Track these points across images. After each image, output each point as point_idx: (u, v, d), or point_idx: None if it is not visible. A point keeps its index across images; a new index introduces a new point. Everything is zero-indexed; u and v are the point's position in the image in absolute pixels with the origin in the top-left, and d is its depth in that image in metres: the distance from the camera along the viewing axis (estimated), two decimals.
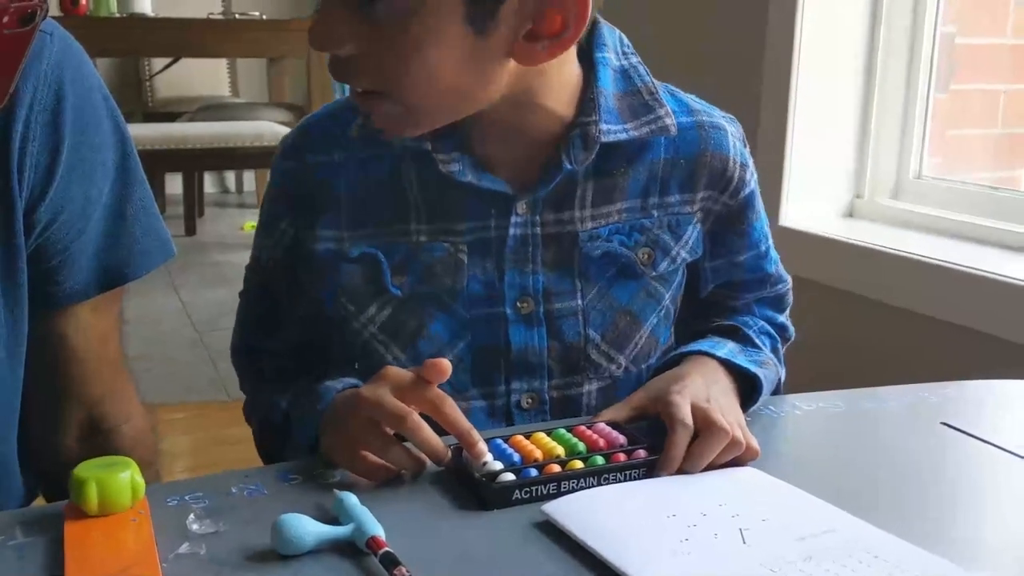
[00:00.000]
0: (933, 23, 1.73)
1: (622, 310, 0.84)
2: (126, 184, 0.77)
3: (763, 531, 0.61)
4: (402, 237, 0.80)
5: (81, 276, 0.75)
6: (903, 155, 1.78)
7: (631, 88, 0.81)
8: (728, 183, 0.85)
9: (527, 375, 0.82)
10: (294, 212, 0.83)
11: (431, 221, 0.80)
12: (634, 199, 0.83)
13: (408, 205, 0.80)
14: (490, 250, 0.81)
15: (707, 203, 0.85)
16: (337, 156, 0.81)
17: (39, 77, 0.70)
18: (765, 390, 0.82)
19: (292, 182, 0.83)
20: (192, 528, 0.61)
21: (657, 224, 0.83)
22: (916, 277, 1.53)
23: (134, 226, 0.78)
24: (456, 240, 0.80)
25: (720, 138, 0.84)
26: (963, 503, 0.70)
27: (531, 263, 0.81)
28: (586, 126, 0.78)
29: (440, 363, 0.70)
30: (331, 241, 0.81)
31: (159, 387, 2.50)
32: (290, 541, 0.58)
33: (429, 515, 0.64)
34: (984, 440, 0.79)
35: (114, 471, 0.61)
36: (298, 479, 0.69)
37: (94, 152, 0.74)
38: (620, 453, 0.70)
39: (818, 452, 0.81)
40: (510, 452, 0.69)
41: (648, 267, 0.84)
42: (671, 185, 0.83)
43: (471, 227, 0.80)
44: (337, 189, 0.81)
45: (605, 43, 0.81)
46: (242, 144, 3.77)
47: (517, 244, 0.81)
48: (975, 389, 0.92)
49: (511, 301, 0.81)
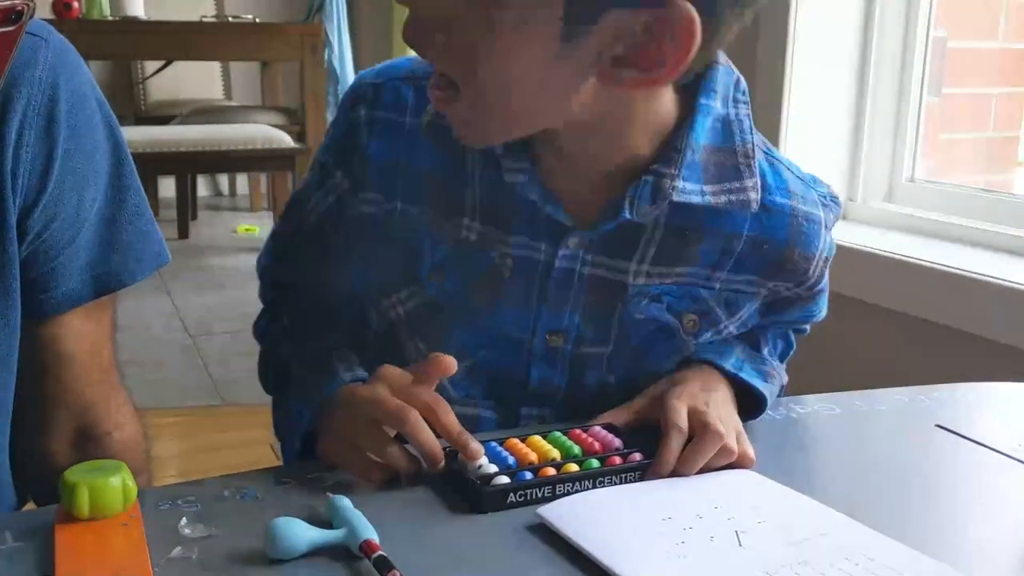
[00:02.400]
0: (925, 27, 1.73)
1: (650, 365, 0.80)
2: (120, 190, 0.77)
3: (759, 534, 0.61)
4: (452, 230, 0.77)
5: (73, 283, 0.75)
6: (896, 158, 1.79)
7: (727, 144, 0.74)
8: (807, 279, 0.80)
9: (539, 403, 0.81)
10: (352, 165, 0.79)
11: (484, 223, 0.76)
12: (701, 267, 0.77)
13: (465, 198, 0.76)
14: (535, 275, 0.76)
15: (777, 289, 0.81)
16: (410, 122, 0.77)
17: (33, 82, 0.69)
18: (769, 405, 0.81)
19: (357, 132, 0.78)
20: (184, 532, 0.60)
21: (714, 296, 0.79)
22: (909, 280, 1.53)
23: (127, 232, 0.77)
24: (505, 252, 0.76)
25: (812, 234, 0.78)
26: (957, 505, 0.70)
27: (570, 303, 0.77)
28: (661, 177, 0.71)
29: (444, 359, 0.69)
30: (381, 208, 0.78)
31: (151, 392, 2.49)
32: (283, 545, 0.57)
33: (423, 518, 0.64)
34: (978, 442, 0.79)
35: (105, 475, 0.61)
36: (291, 483, 0.69)
37: (88, 158, 0.73)
38: (615, 456, 0.70)
39: (813, 455, 0.81)
40: (505, 455, 0.69)
41: (690, 335, 0.79)
42: (745, 264, 0.77)
43: (521, 242, 0.76)
44: (400, 156, 0.77)
45: (715, 88, 0.74)
46: (235, 147, 3.76)
47: (561, 278, 0.76)
48: (969, 392, 0.92)
49: (540, 335, 0.78)
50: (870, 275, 1.59)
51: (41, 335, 0.76)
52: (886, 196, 1.81)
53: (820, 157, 1.79)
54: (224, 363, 2.70)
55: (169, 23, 3.89)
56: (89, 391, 0.80)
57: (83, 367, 0.79)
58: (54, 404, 0.79)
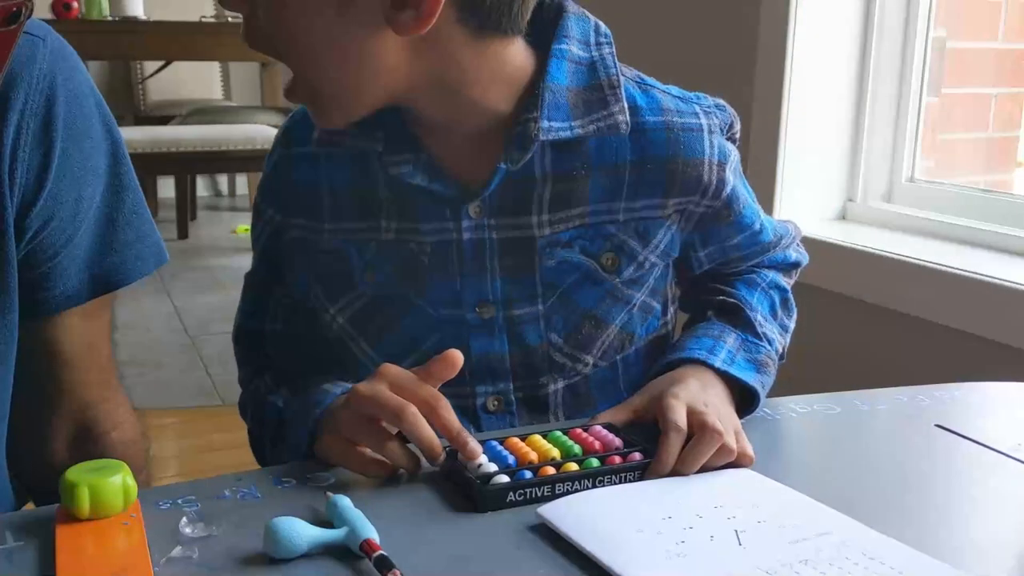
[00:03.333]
0: (925, 27, 1.73)
1: (586, 314, 0.82)
2: (118, 190, 0.77)
3: (759, 533, 0.61)
4: (373, 234, 0.81)
5: (71, 282, 0.75)
6: (895, 158, 1.79)
7: (593, 82, 0.77)
8: (707, 188, 0.81)
9: (491, 379, 0.82)
10: (279, 201, 0.84)
11: (399, 220, 0.80)
12: (597, 203, 0.80)
13: (379, 202, 0.80)
14: (450, 253, 0.80)
15: (684, 206, 0.82)
16: (316, 149, 0.81)
17: (31, 82, 0.69)
18: (763, 397, 0.81)
19: (278, 171, 0.84)
20: (184, 532, 0.60)
21: (623, 229, 0.81)
22: (909, 280, 1.53)
23: (126, 232, 0.77)
24: (420, 240, 0.80)
25: (692, 141, 0.80)
26: (957, 505, 0.70)
27: (488, 269, 0.80)
28: (526, 123, 0.75)
29: (451, 354, 0.69)
30: (308, 231, 0.83)
31: (150, 392, 2.49)
32: (283, 545, 0.57)
33: (423, 518, 0.64)
34: (977, 442, 0.79)
35: (106, 474, 0.61)
36: (291, 482, 0.69)
37: (85, 158, 0.74)
38: (615, 456, 0.70)
39: (813, 454, 0.81)
40: (505, 454, 0.69)
41: (612, 273, 0.81)
42: (639, 189, 0.80)
43: (432, 228, 0.79)
44: (317, 181, 0.82)
45: (568, 34, 0.78)
46: (234, 147, 3.77)
47: (473, 248, 0.79)
48: (968, 391, 0.92)
49: (470, 307, 0.80)
50: (870, 275, 1.59)
51: (39, 334, 0.76)
52: (886, 196, 1.81)
53: (820, 157, 1.79)
54: (223, 363, 2.70)
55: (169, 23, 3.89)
56: (87, 390, 0.80)
57: (81, 366, 0.79)
58: (52, 403, 0.79)
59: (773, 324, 0.88)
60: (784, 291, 0.92)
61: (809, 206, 1.78)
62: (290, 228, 0.84)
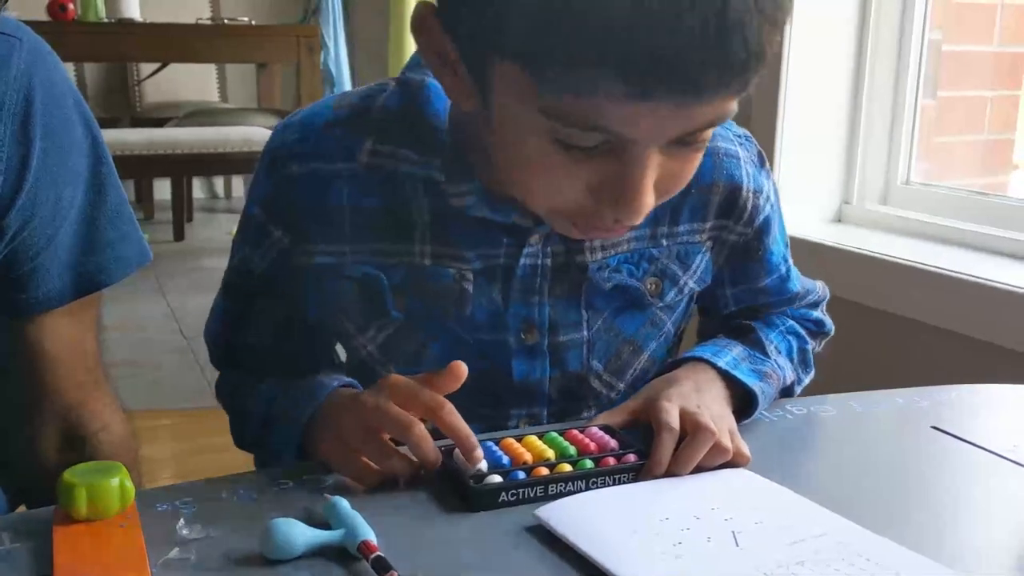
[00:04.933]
0: (920, 30, 1.74)
1: (626, 340, 0.83)
2: (99, 190, 0.76)
3: (756, 534, 0.61)
4: (405, 258, 0.77)
5: (53, 283, 0.74)
6: (891, 161, 1.79)
7: None
8: (741, 213, 0.82)
9: (527, 402, 0.82)
10: (290, 221, 0.77)
11: (437, 245, 0.76)
12: (644, 228, 0.79)
13: (413, 226, 0.76)
14: (496, 277, 0.78)
15: (719, 232, 0.83)
16: (342, 167, 0.76)
17: (8, 82, 0.69)
18: (761, 404, 0.81)
19: (289, 189, 0.76)
20: (182, 533, 0.60)
21: (666, 254, 0.81)
22: (905, 282, 1.53)
23: (108, 232, 0.77)
24: (462, 267, 0.77)
25: (732, 167, 0.81)
26: (953, 506, 0.71)
27: (538, 294, 0.79)
28: None
29: (456, 366, 0.69)
30: (330, 256, 0.77)
31: (146, 393, 2.48)
32: (280, 546, 0.57)
33: (420, 519, 0.64)
34: (973, 444, 0.79)
35: (103, 476, 0.61)
36: (288, 484, 0.69)
37: (65, 158, 0.73)
38: (610, 457, 0.70)
39: (810, 456, 0.81)
40: (500, 455, 0.69)
41: (656, 298, 0.82)
42: (682, 213, 0.81)
43: (480, 254, 0.77)
44: (339, 201, 0.76)
45: None
46: (231, 149, 3.76)
47: (526, 275, 0.78)
48: (964, 393, 0.93)
49: (515, 331, 0.79)
50: (866, 277, 1.60)
51: (23, 335, 0.76)
52: (882, 199, 1.81)
53: (816, 160, 1.79)
54: None
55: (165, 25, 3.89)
56: (74, 391, 0.79)
57: (66, 367, 0.78)
58: (39, 404, 0.78)
59: (784, 359, 0.88)
60: (803, 340, 0.91)
61: (805, 208, 1.79)
62: (305, 253, 0.78)
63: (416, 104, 0.75)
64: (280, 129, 0.79)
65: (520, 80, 0.60)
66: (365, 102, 0.78)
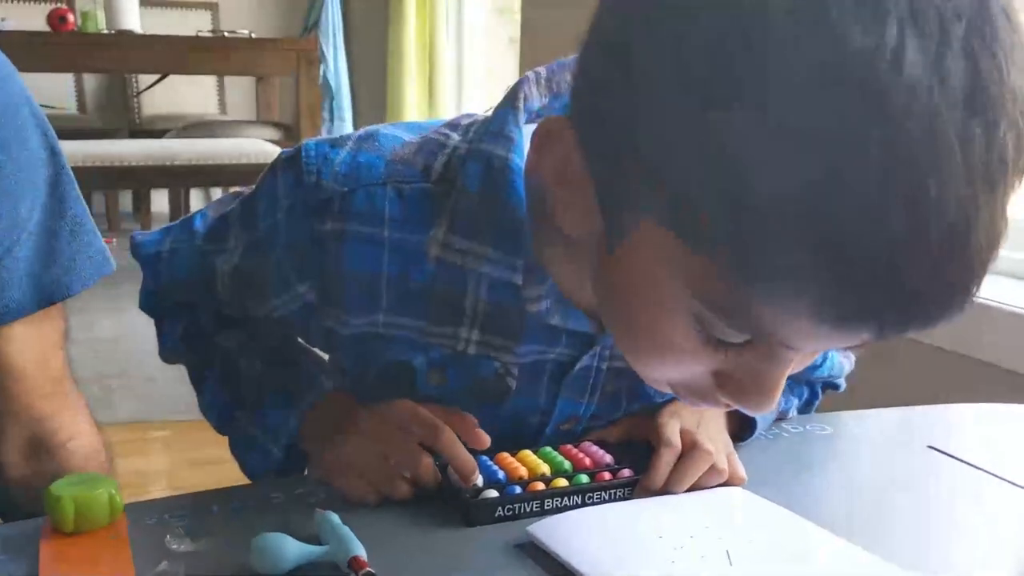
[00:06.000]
0: None
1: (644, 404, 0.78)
2: (59, 200, 0.76)
3: (749, 553, 0.61)
4: (446, 341, 0.69)
5: (14, 293, 0.74)
6: None
7: None
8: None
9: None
10: (320, 283, 0.68)
11: (485, 333, 0.69)
12: None
13: (463, 312, 0.68)
14: (543, 372, 0.72)
15: None
16: (390, 236, 0.66)
17: None
18: (760, 427, 0.81)
19: (328, 248, 0.66)
20: (171, 547, 0.60)
21: None
22: None
23: (68, 243, 0.76)
24: (509, 360, 0.70)
25: None
26: (949, 526, 0.70)
27: (589, 394, 0.74)
28: None
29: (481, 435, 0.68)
30: (364, 327, 0.69)
31: (140, 405, 2.48)
32: (270, 561, 0.57)
33: (412, 534, 0.64)
34: (970, 464, 0.79)
35: (91, 488, 0.60)
36: (279, 498, 0.68)
37: (21, 170, 0.72)
38: (605, 472, 0.69)
39: (805, 474, 0.80)
40: (495, 469, 0.68)
41: None
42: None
43: (531, 350, 0.70)
44: (381, 270, 0.67)
45: None
46: (229, 162, 3.77)
47: (581, 376, 0.72)
48: (961, 413, 0.92)
49: (555, 423, 0.76)
50: None
51: None
52: None
53: None
54: None
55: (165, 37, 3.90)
56: (40, 403, 0.79)
57: (31, 379, 0.78)
58: (4, 416, 0.78)
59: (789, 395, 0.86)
60: (816, 395, 0.88)
61: None
62: (331, 317, 0.70)
63: (501, 191, 0.64)
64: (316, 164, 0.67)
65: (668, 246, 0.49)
66: (431, 160, 0.67)
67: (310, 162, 0.67)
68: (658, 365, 0.57)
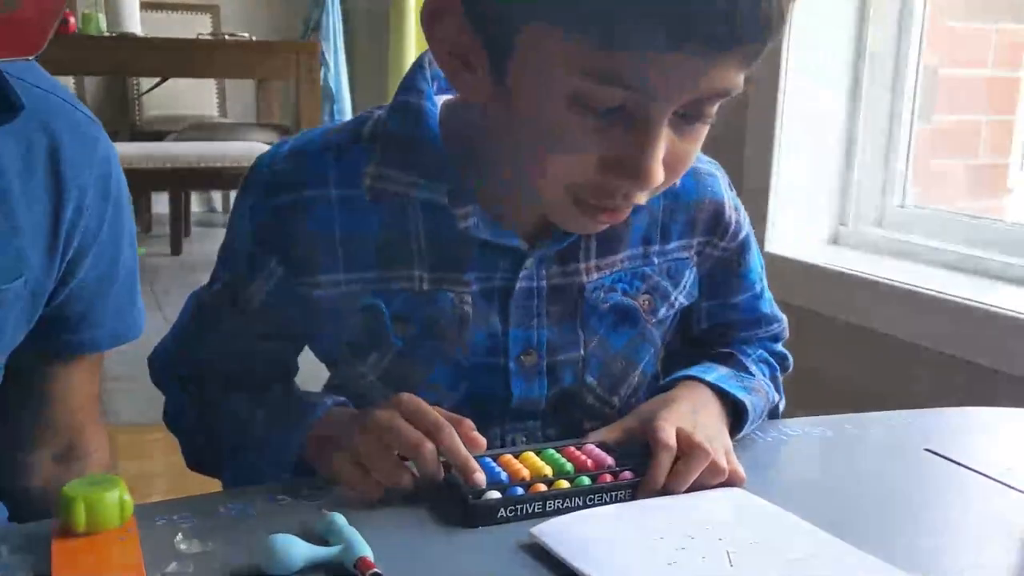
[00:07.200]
0: (916, 54, 1.75)
1: (620, 355, 0.84)
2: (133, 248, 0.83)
3: (750, 554, 0.62)
4: (404, 283, 0.77)
5: (100, 330, 0.81)
6: (887, 184, 1.80)
7: None
8: (726, 228, 0.85)
9: (523, 418, 0.82)
10: (287, 253, 0.76)
11: (435, 269, 0.77)
12: (636, 247, 0.82)
13: (411, 252, 0.76)
14: (494, 300, 0.78)
15: (704, 248, 0.85)
16: (339, 193, 0.75)
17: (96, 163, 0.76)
18: (752, 417, 0.82)
19: (285, 218, 0.75)
20: (180, 547, 0.61)
21: (657, 271, 0.83)
22: (899, 304, 1.54)
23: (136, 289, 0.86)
24: (461, 290, 0.77)
25: (714, 184, 0.84)
26: (946, 529, 0.71)
27: (536, 316, 0.79)
28: None
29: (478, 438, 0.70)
30: (330, 287, 0.76)
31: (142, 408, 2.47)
32: (278, 561, 0.58)
33: (417, 535, 0.64)
34: (967, 467, 0.80)
35: (102, 489, 0.61)
36: (286, 499, 0.69)
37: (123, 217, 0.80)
38: (607, 474, 0.70)
39: (804, 477, 0.81)
40: (498, 470, 0.69)
41: (649, 314, 0.83)
42: (671, 231, 0.83)
43: (477, 277, 0.77)
44: (334, 229, 0.75)
45: None
46: (230, 164, 3.77)
47: (523, 297, 0.79)
48: (958, 416, 0.93)
49: (514, 355, 0.79)
50: (860, 299, 1.60)
51: (56, 369, 0.82)
52: (877, 221, 1.82)
53: (812, 182, 1.80)
54: None
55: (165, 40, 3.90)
56: (80, 415, 0.86)
57: (83, 398, 0.86)
58: (50, 425, 0.85)
59: (766, 381, 0.89)
60: (774, 368, 0.92)
61: (801, 230, 1.80)
62: (303, 285, 0.76)
63: (418, 127, 0.75)
64: (266, 162, 0.78)
65: (549, 42, 0.63)
66: (360, 127, 0.78)
67: (261, 167, 0.79)
68: (557, 165, 0.67)
